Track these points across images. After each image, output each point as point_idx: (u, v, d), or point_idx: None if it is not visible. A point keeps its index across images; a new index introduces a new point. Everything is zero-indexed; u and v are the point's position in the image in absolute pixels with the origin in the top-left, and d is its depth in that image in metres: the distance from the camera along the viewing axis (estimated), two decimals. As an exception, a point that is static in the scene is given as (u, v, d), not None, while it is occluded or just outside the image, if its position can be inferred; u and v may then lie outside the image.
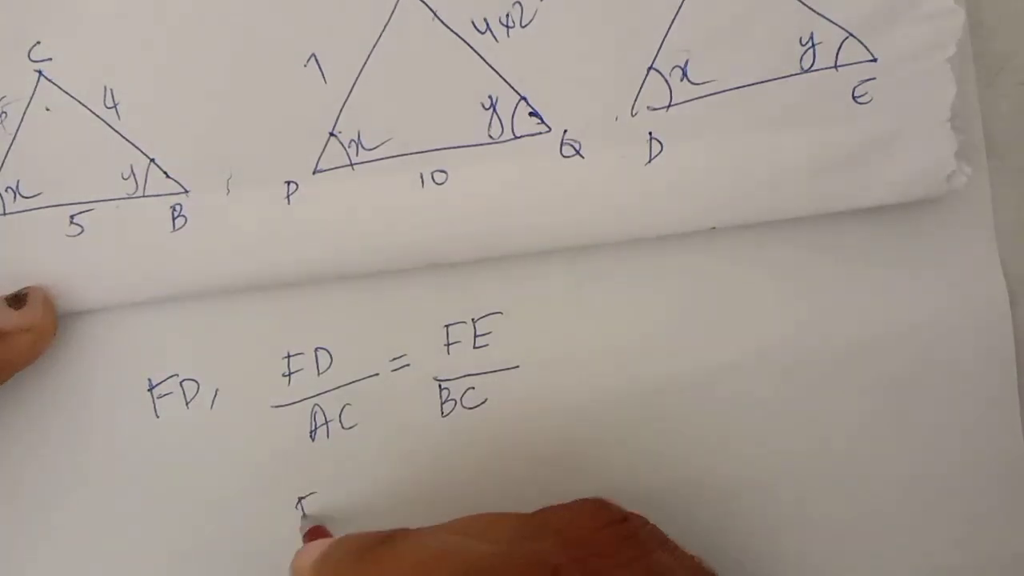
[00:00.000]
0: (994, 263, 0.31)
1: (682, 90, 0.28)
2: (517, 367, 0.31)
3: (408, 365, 0.30)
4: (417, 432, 0.31)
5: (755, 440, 0.31)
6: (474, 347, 0.30)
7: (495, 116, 0.28)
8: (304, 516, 0.31)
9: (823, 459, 0.31)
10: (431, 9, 0.28)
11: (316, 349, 0.30)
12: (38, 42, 0.27)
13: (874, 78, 0.28)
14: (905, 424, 0.31)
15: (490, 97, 0.28)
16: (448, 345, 0.30)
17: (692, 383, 0.31)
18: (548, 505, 0.26)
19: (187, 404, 0.30)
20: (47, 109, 0.28)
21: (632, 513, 0.25)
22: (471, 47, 0.28)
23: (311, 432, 0.30)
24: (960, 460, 0.31)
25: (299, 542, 0.30)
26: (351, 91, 0.28)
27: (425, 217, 0.28)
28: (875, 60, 0.28)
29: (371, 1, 0.27)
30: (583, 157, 0.28)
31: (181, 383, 0.30)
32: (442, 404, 0.31)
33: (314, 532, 0.29)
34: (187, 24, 0.28)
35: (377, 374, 0.30)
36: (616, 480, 0.31)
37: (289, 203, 0.28)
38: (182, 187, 0.28)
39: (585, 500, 0.25)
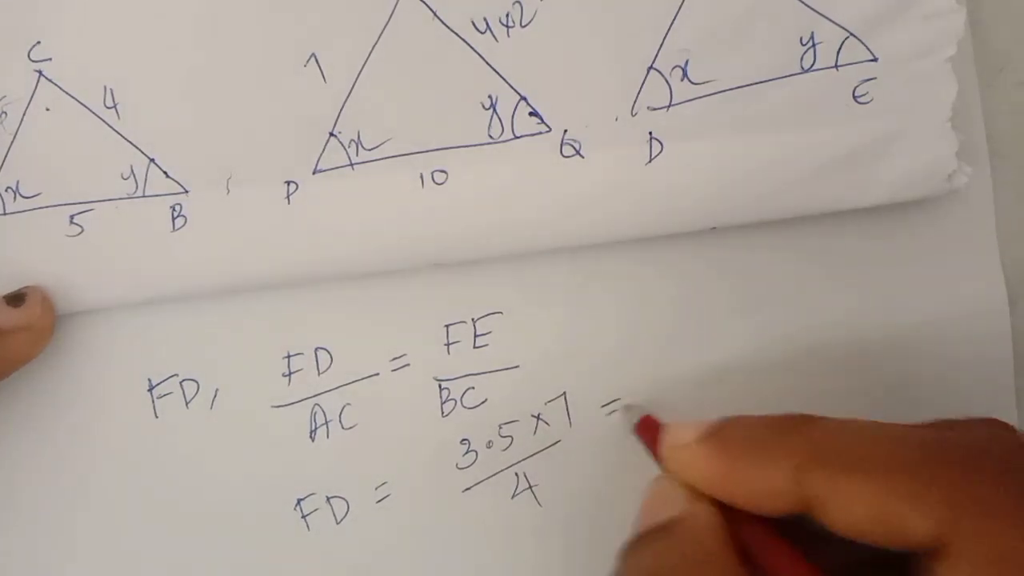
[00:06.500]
0: (994, 263, 0.31)
1: (682, 90, 0.28)
2: (517, 367, 0.31)
3: (408, 365, 0.30)
4: (417, 432, 0.31)
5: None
6: (474, 347, 0.30)
7: (495, 116, 0.28)
8: (628, 407, 0.29)
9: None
10: (431, 9, 0.28)
11: (316, 349, 0.30)
12: (38, 42, 0.27)
13: (875, 78, 0.28)
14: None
15: (490, 97, 0.28)
16: (448, 345, 0.30)
17: (692, 383, 0.31)
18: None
19: (187, 404, 0.30)
20: (47, 109, 0.28)
21: None
22: (471, 47, 0.28)
23: (311, 432, 0.30)
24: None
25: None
26: (351, 91, 0.28)
27: (425, 217, 0.28)
28: (876, 60, 0.28)
29: (371, 1, 0.27)
30: (583, 157, 0.28)
31: (181, 383, 0.30)
32: (442, 404, 0.31)
33: (647, 421, 0.27)
34: (187, 24, 0.27)
35: (377, 374, 0.30)
36: (615, 480, 0.31)
37: (289, 203, 0.28)
38: (182, 187, 0.28)
39: (986, 418, 0.23)
